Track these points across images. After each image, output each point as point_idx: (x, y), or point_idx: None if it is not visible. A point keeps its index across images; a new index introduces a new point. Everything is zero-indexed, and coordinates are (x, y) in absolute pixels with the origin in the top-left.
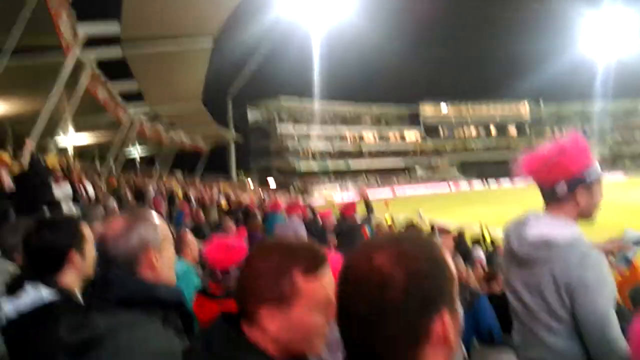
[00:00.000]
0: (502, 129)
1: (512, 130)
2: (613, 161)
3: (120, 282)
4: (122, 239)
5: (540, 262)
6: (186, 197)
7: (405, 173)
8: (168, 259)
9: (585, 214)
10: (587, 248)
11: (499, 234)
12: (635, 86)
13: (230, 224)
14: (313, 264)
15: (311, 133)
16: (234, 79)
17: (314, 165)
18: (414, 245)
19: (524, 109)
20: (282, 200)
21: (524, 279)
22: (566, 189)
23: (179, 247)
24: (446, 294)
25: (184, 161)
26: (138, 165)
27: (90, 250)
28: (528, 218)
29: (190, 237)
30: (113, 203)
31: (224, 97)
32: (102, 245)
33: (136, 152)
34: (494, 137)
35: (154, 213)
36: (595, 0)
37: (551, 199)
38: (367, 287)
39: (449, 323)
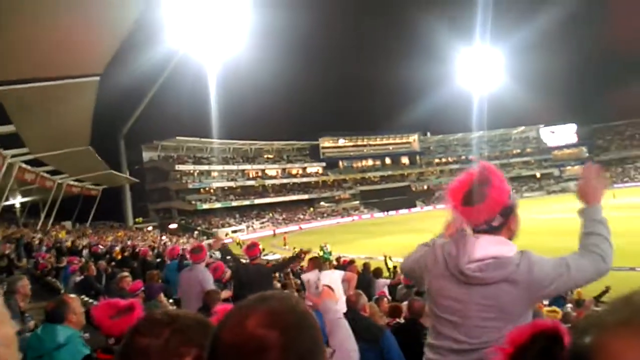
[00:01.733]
0: (395, 159)
1: (405, 160)
2: None
3: None
4: None
5: (496, 281)
6: (76, 248)
7: (309, 207)
8: (3, 339)
9: (514, 237)
10: (525, 252)
11: (400, 263)
12: (507, 117)
13: (126, 276)
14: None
15: (212, 172)
16: (126, 118)
17: (217, 205)
18: (281, 302)
19: (414, 140)
20: (184, 244)
21: (472, 299)
22: (501, 220)
23: (63, 312)
24: (319, 347)
25: (73, 208)
26: (18, 214)
27: None
28: (466, 240)
29: (73, 301)
30: None
31: (115, 138)
32: None
33: (16, 200)
34: (389, 167)
35: None
36: (468, 38)
37: (485, 231)
38: (243, 353)
39: None
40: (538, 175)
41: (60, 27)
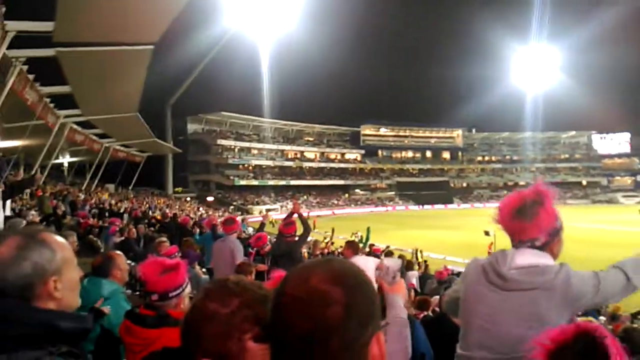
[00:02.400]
0: (436, 153)
1: (446, 155)
2: None
3: (15, 316)
4: (12, 267)
5: (533, 287)
6: (117, 210)
7: (344, 193)
8: (70, 282)
9: (555, 260)
10: (564, 264)
11: (431, 258)
12: (558, 120)
13: (163, 241)
14: None
15: (252, 149)
16: (175, 90)
17: (254, 182)
18: (344, 264)
19: (458, 135)
20: (220, 216)
21: (508, 305)
22: (544, 241)
23: (108, 267)
24: (377, 311)
25: (117, 172)
26: (66, 173)
27: None
28: (506, 252)
29: (119, 257)
30: (34, 216)
31: (162, 108)
32: None
33: (65, 159)
34: (429, 161)
35: (51, 234)
36: (524, 36)
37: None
38: (308, 307)
39: (383, 344)
40: (584, 182)
41: None
